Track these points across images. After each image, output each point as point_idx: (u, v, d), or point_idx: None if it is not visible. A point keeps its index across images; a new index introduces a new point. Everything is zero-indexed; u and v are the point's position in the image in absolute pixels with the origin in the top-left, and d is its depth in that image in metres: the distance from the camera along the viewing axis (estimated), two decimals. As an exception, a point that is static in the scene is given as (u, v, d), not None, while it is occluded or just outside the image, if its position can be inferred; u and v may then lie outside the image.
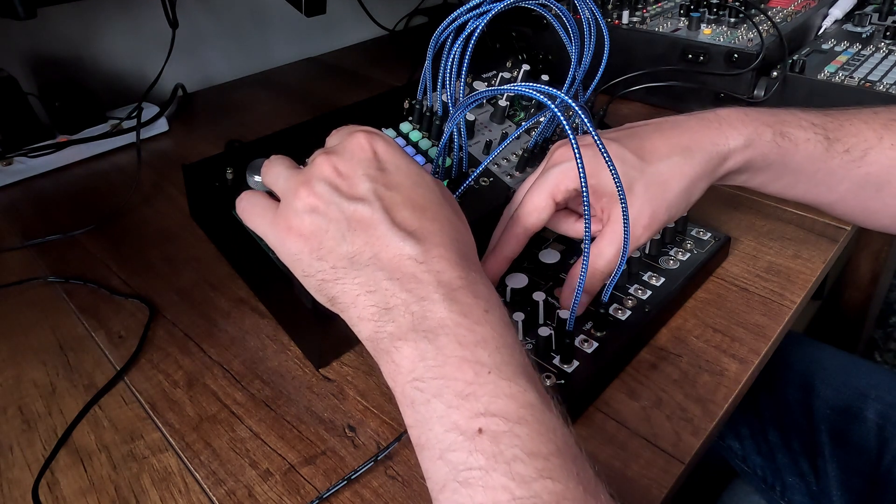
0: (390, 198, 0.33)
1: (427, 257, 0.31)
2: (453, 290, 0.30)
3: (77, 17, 0.86)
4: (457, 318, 0.29)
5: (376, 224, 0.32)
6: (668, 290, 0.48)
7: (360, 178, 0.33)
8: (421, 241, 0.31)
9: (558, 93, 0.38)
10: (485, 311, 0.30)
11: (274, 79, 1.05)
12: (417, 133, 0.56)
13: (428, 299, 0.29)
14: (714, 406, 0.42)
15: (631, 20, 0.85)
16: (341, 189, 0.33)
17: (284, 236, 0.34)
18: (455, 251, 0.32)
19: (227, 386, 0.46)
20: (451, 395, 0.27)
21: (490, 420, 0.26)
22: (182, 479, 0.39)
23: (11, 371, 0.48)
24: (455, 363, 0.28)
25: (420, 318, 0.29)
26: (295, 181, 0.34)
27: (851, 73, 0.70)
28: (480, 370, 0.28)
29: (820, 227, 0.59)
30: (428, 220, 0.32)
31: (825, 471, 0.63)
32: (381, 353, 0.30)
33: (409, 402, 0.29)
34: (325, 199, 0.33)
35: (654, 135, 0.44)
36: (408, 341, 0.29)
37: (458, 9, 0.49)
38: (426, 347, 0.28)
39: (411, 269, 0.30)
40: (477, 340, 0.29)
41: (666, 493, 0.37)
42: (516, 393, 0.28)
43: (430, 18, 1.26)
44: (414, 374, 0.28)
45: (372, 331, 0.30)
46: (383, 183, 0.33)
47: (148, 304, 0.54)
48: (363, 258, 0.31)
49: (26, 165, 0.76)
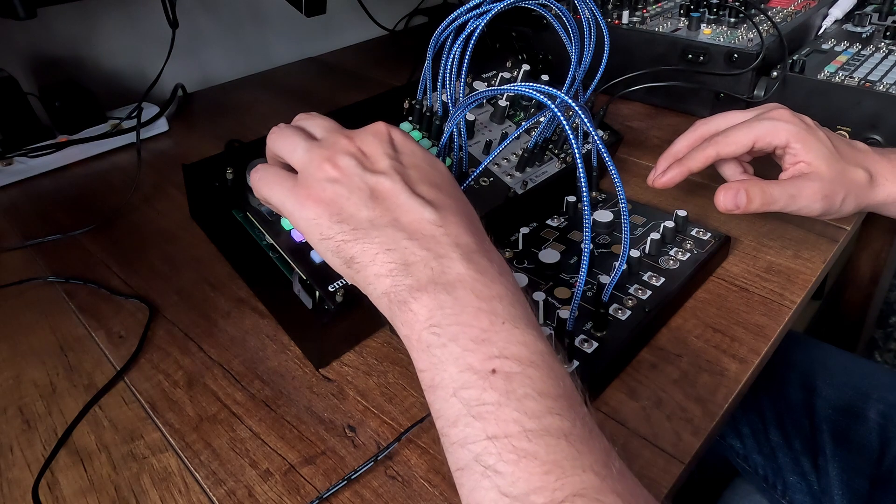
0: (409, 174, 0.35)
1: (445, 222, 0.33)
2: (470, 251, 0.32)
3: (77, 17, 0.86)
4: (474, 274, 0.31)
5: (397, 193, 0.33)
6: (668, 290, 0.48)
7: (381, 157, 0.35)
8: (439, 210, 0.33)
9: (558, 93, 0.38)
10: (499, 272, 0.32)
11: (274, 79, 1.05)
12: (417, 133, 0.56)
13: (446, 257, 0.31)
14: (714, 406, 0.42)
15: (631, 20, 0.85)
16: (364, 164, 0.35)
17: (304, 201, 0.34)
18: (468, 222, 0.34)
19: (227, 386, 0.46)
20: (467, 339, 0.29)
21: (503, 362, 0.28)
22: (182, 479, 0.39)
23: (11, 371, 0.48)
24: (472, 312, 0.29)
25: (439, 273, 0.31)
26: (318, 154, 0.35)
27: (851, 73, 0.70)
28: (495, 319, 0.29)
29: (820, 227, 0.59)
30: (444, 194, 0.35)
31: (826, 470, 0.63)
32: (398, 304, 0.31)
33: (424, 346, 0.30)
34: (349, 172, 0.34)
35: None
36: (427, 292, 0.30)
37: (458, 9, 0.49)
38: (445, 298, 0.30)
39: (430, 231, 0.32)
40: (493, 295, 0.30)
41: (666, 493, 0.37)
42: (529, 341, 0.29)
43: (430, 18, 1.26)
44: (431, 320, 0.30)
45: (389, 285, 0.31)
46: (401, 162, 0.35)
47: (148, 304, 0.53)
48: (383, 221, 0.33)
49: (26, 165, 0.76)
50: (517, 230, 0.54)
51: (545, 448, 0.26)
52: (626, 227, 0.41)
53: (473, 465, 0.27)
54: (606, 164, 0.39)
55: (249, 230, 0.46)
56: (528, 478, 0.25)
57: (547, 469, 0.25)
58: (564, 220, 0.57)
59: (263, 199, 0.38)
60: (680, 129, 0.74)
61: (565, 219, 0.57)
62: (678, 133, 0.58)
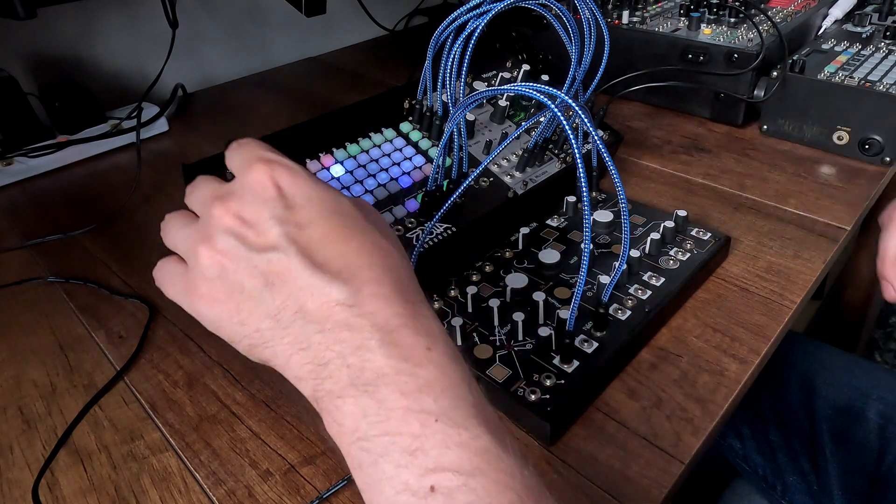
0: (307, 237, 0.29)
1: (358, 299, 0.27)
2: (390, 331, 0.27)
3: (77, 17, 0.86)
4: (396, 363, 0.26)
5: (296, 272, 0.28)
6: (668, 290, 0.48)
7: (268, 223, 0.29)
8: (349, 282, 0.28)
9: (558, 93, 0.38)
10: (427, 348, 0.27)
11: (274, 79, 1.05)
12: (417, 133, 0.56)
13: (363, 347, 0.27)
14: (714, 406, 0.42)
15: (631, 20, 0.85)
16: (248, 239, 0.29)
17: (197, 304, 0.30)
18: (389, 284, 0.28)
19: (227, 386, 0.46)
20: (398, 452, 0.25)
21: (441, 476, 0.24)
22: (182, 479, 0.39)
23: (11, 371, 0.48)
24: (399, 415, 0.25)
25: (357, 371, 0.26)
26: (193, 239, 0.30)
27: (851, 73, 0.70)
28: (427, 420, 0.25)
29: (820, 228, 0.59)
30: (353, 253, 0.29)
31: (826, 470, 0.63)
32: (323, 412, 0.27)
33: (356, 464, 0.26)
34: (232, 255, 0.29)
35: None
36: (347, 398, 0.26)
37: (458, 9, 0.49)
38: (367, 402, 0.26)
39: (342, 316, 0.27)
40: (420, 386, 0.26)
41: (666, 493, 0.37)
42: (467, 440, 0.25)
43: (430, 18, 1.26)
44: (357, 433, 0.26)
45: (311, 390, 0.28)
46: (295, 222, 0.29)
47: (148, 304, 0.54)
48: (288, 314, 0.28)
49: (26, 165, 0.76)
50: (517, 230, 0.54)
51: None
52: (626, 227, 0.41)
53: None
54: (606, 164, 0.39)
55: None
56: None
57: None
58: (564, 220, 0.57)
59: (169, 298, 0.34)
60: (680, 129, 0.74)
61: (565, 219, 0.57)
62: (678, 133, 0.58)
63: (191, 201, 0.33)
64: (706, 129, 0.77)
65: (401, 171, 0.53)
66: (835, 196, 0.63)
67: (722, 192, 0.64)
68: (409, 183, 0.52)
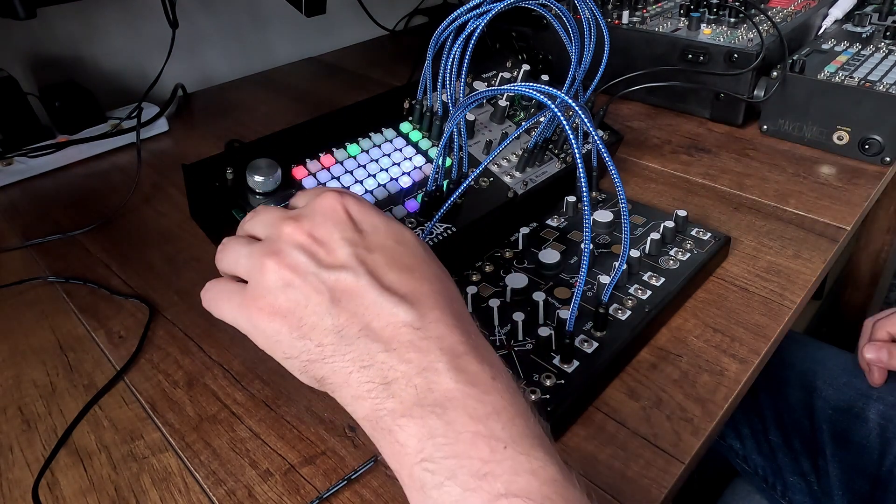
0: (374, 261, 0.30)
1: (424, 322, 0.28)
2: (457, 356, 0.27)
3: (77, 17, 0.86)
4: (465, 388, 0.26)
5: (363, 292, 0.28)
6: (668, 290, 0.48)
7: (338, 243, 0.30)
8: (415, 305, 0.28)
9: (558, 93, 0.38)
10: (492, 377, 0.27)
11: (274, 79, 1.05)
12: (417, 133, 0.56)
13: (430, 369, 0.27)
14: (714, 406, 0.42)
15: (631, 20, 0.85)
16: (319, 257, 0.30)
17: (257, 318, 0.30)
18: (451, 312, 0.29)
19: (227, 386, 0.46)
20: (467, 475, 0.25)
21: (512, 501, 0.24)
22: (182, 479, 0.39)
23: (11, 371, 0.48)
24: (468, 439, 0.25)
25: (425, 391, 0.26)
26: (261, 253, 0.31)
27: (851, 73, 0.70)
28: (496, 445, 0.25)
29: (820, 227, 0.59)
30: (417, 280, 0.30)
31: (826, 471, 0.63)
32: (381, 432, 0.27)
33: (418, 485, 0.26)
34: (302, 270, 0.29)
35: None
36: (413, 417, 0.26)
37: (458, 9, 0.49)
38: (435, 423, 0.26)
39: (409, 337, 0.27)
40: (489, 412, 0.26)
41: (666, 493, 0.37)
42: (537, 468, 0.25)
43: (430, 18, 1.26)
44: (423, 453, 0.26)
45: (370, 409, 0.27)
46: (364, 245, 0.30)
47: (148, 304, 0.54)
48: (352, 331, 0.28)
49: (26, 165, 0.76)
50: (517, 230, 0.54)
51: None
52: (626, 227, 0.41)
53: None
54: (606, 164, 0.39)
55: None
56: None
57: None
58: (564, 220, 0.57)
59: (220, 318, 0.33)
60: (680, 129, 0.74)
61: (565, 219, 0.57)
62: (678, 133, 0.58)
63: (252, 226, 0.34)
64: (706, 129, 0.77)
65: (401, 171, 0.53)
66: (835, 196, 0.63)
67: (722, 192, 0.64)
68: (409, 183, 0.52)
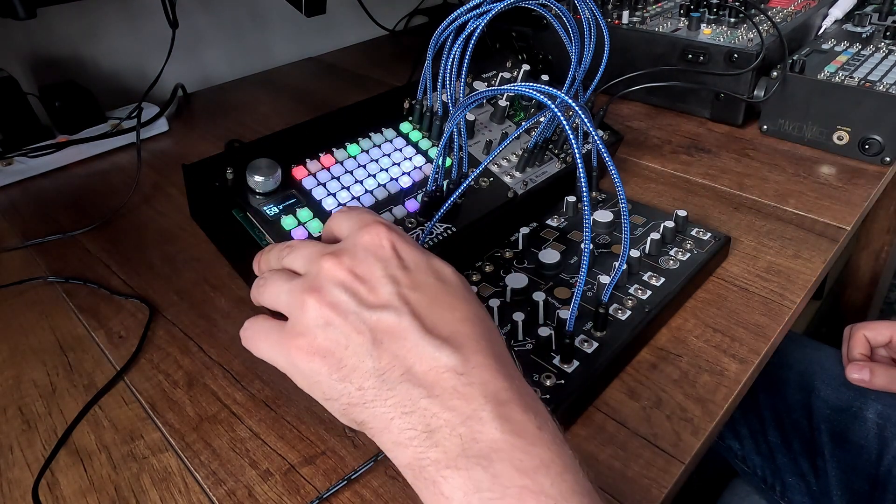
0: (417, 301, 0.29)
1: (467, 367, 0.27)
2: (502, 404, 0.27)
3: (77, 17, 0.86)
4: (511, 438, 0.26)
5: (406, 333, 0.28)
6: (668, 290, 0.48)
7: (381, 281, 0.29)
8: (458, 349, 0.28)
9: (558, 93, 0.38)
10: (538, 427, 0.27)
11: (274, 79, 1.05)
12: (417, 133, 0.56)
13: (475, 418, 0.26)
14: (714, 406, 0.42)
15: (631, 20, 0.85)
16: (361, 295, 0.29)
17: (295, 356, 0.29)
18: (494, 356, 0.28)
19: (227, 386, 0.46)
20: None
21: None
22: (182, 479, 0.39)
23: (11, 371, 0.48)
24: (515, 494, 0.25)
25: (469, 441, 0.26)
26: (301, 289, 0.30)
27: (851, 73, 0.70)
28: (545, 502, 0.25)
29: (820, 227, 0.59)
30: (459, 321, 0.29)
31: (825, 471, 0.63)
32: (424, 482, 0.26)
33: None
34: (343, 309, 0.28)
35: None
36: (458, 469, 0.25)
37: (458, 9, 0.49)
38: (481, 476, 0.25)
39: (452, 383, 0.27)
40: (536, 466, 0.25)
41: (666, 493, 0.37)
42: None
43: (430, 18, 1.26)
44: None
45: (412, 457, 0.27)
46: (408, 284, 0.29)
47: (148, 304, 0.54)
48: (394, 375, 0.27)
49: (26, 165, 0.76)
50: (517, 230, 0.54)
51: None
52: (626, 227, 0.41)
53: None
54: (606, 164, 0.39)
55: (249, 230, 0.46)
56: None
57: None
58: (564, 220, 0.57)
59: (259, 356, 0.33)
60: (680, 129, 0.74)
61: (565, 219, 0.57)
62: (678, 133, 0.58)
63: (292, 260, 0.33)
64: (706, 129, 0.77)
65: (401, 171, 0.53)
66: (835, 196, 0.63)
67: (722, 192, 0.64)
68: (409, 183, 0.52)
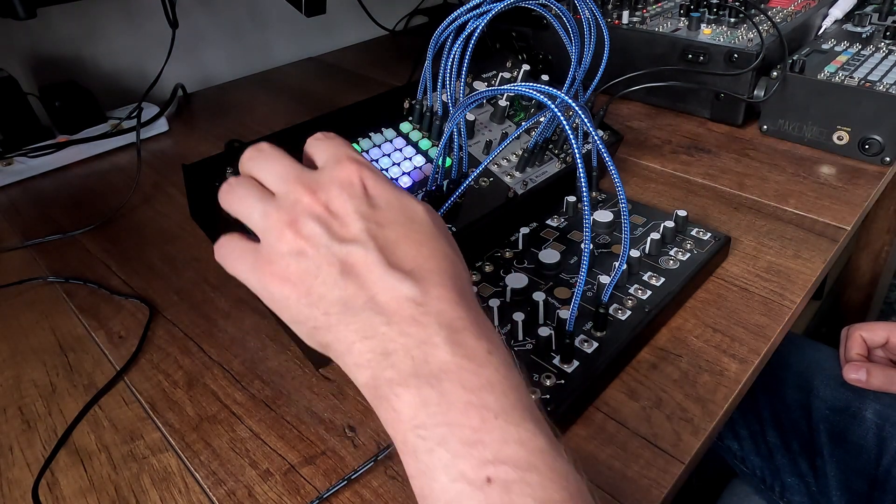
0: (384, 237, 0.31)
1: (426, 298, 0.29)
2: (455, 331, 0.29)
3: (77, 17, 0.86)
4: (460, 361, 0.28)
5: (372, 266, 0.30)
6: (668, 290, 0.48)
7: (352, 217, 0.31)
8: (419, 282, 0.29)
9: (558, 93, 0.38)
10: (488, 352, 0.29)
11: (274, 79, 1.05)
12: (417, 133, 0.56)
13: (429, 342, 0.28)
14: (714, 406, 0.42)
15: (631, 20, 0.85)
16: (333, 229, 0.30)
17: (268, 281, 0.31)
18: (454, 289, 0.30)
19: (227, 386, 0.46)
20: (457, 442, 0.26)
21: (499, 468, 0.25)
22: (182, 479, 0.39)
23: (11, 371, 0.48)
24: (460, 408, 0.27)
25: (421, 363, 0.28)
26: (277, 219, 0.31)
27: (851, 73, 0.70)
28: (487, 415, 0.27)
29: (820, 227, 0.59)
30: (424, 257, 0.31)
31: (824, 471, 0.63)
32: (379, 399, 0.28)
33: (410, 450, 0.27)
34: (315, 242, 0.30)
35: None
36: (409, 387, 0.27)
37: (458, 9, 0.49)
38: (429, 393, 0.27)
39: (410, 312, 0.29)
40: (482, 384, 0.27)
41: (666, 493, 0.37)
42: (525, 438, 0.27)
43: (430, 18, 1.26)
44: (415, 420, 0.27)
45: (370, 377, 0.29)
46: (376, 221, 0.31)
47: (148, 304, 0.54)
48: (358, 303, 0.29)
49: (26, 165, 0.76)
50: (517, 230, 0.54)
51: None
52: (626, 227, 0.41)
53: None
54: (606, 164, 0.39)
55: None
56: None
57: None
58: (564, 220, 0.57)
59: (231, 273, 0.34)
60: (680, 129, 0.74)
61: (565, 219, 0.57)
62: (678, 133, 0.58)
63: (260, 170, 0.34)
64: (706, 129, 0.77)
65: (401, 171, 0.53)
66: (835, 196, 0.63)
67: (722, 192, 0.64)
68: (409, 183, 0.52)
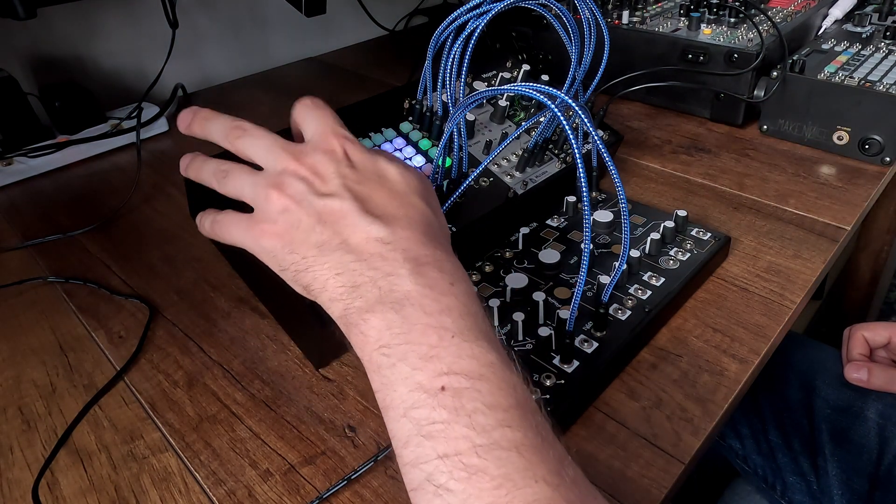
0: (360, 191, 0.34)
1: (394, 238, 0.32)
2: (420, 265, 0.31)
3: (77, 17, 0.86)
4: (422, 289, 0.30)
5: (346, 214, 0.33)
6: (668, 290, 0.48)
7: (331, 175, 0.34)
8: (388, 224, 0.32)
9: (558, 93, 0.38)
10: (450, 283, 0.31)
11: (274, 79, 1.05)
12: (417, 133, 0.56)
13: (394, 274, 0.31)
14: (714, 406, 0.42)
15: (631, 20, 0.85)
16: (314, 186, 0.34)
17: (259, 237, 0.34)
18: (421, 232, 0.33)
19: (227, 386, 0.46)
20: (416, 357, 0.29)
21: (452, 378, 0.28)
22: (182, 479, 0.39)
23: (11, 371, 0.48)
24: (420, 329, 0.29)
25: (387, 292, 0.30)
26: (265, 184, 0.35)
27: (851, 73, 0.70)
28: (444, 334, 0.29)
29: (820, 227, 0.59)
30: (395, 207, 0.34)
31: (826, 470, 0.63)
32: (350, 326, 0.31)
33: (375, 367, 0.30)
34: (298, 198, 0.33)
35: None
36: (375, 313, 0.30)
37: (458, 9, 0.49)
38: (392, 317, 0.30)
39: (378, 249, 0.32)
40: (441, 309, 0.30)
41: (666, 493, 0.37)
42: (478, 353, 0.29)
43: (430, 18, 1.26)
44: (381, 341, 0.30)
45: (342, 308, 0.31)
46: (354, 179, 0.34)
47: (148, 304, 0.54)
48: (332, 245, 0.32)
49: (26, 165, 0.76)
50: (517, 230, 0.54)
51: (495, 462, 0.26)
52: (626, 227, 0.41)
53: (426, 485, 0.27)
54: (606, 164, 0.39)
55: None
56: (479, 494, 0.26)
57: (497, 483, 0.26)
58: (564, 220, 0.57)
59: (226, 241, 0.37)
60: (680, 129, 0.74)
61: (565, 219, 0.57)
62: (678, 133, 0.58)
63: (247, 147, 0.37)
64: (706, 129, 0.77)
65: (401, 171, 0.53)
66: (835, 196, 0.63)
67: (722, 192, 0.64)
68: (409, 183, 0.52)
